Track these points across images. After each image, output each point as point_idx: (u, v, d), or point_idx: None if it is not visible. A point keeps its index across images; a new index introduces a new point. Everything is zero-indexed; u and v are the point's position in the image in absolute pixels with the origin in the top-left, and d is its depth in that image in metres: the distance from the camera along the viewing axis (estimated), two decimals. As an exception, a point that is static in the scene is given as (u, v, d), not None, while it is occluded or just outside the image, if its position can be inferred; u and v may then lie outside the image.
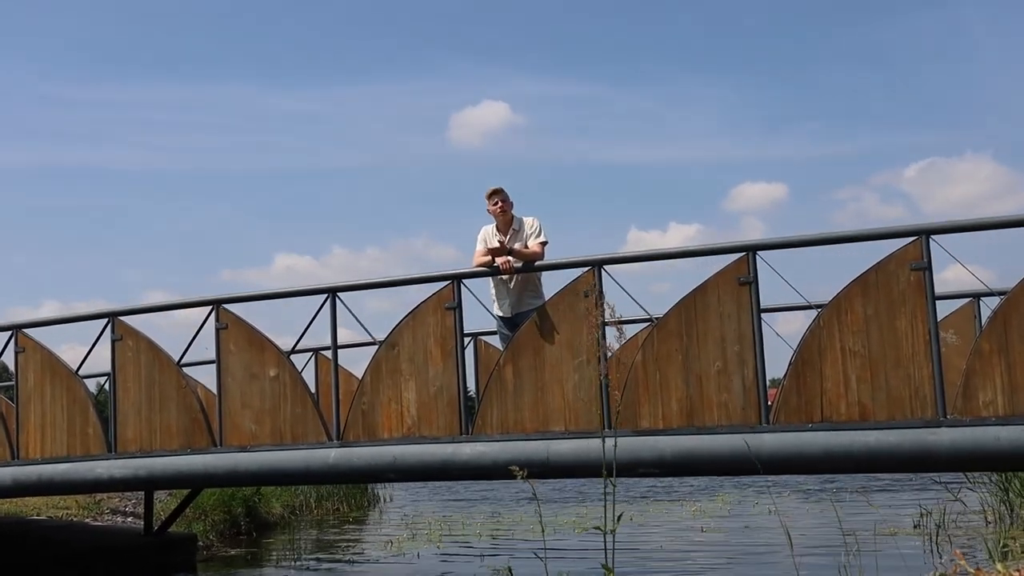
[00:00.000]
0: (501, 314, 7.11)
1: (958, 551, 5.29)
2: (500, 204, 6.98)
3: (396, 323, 6.84)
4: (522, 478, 3.71)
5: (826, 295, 5.96)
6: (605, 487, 3.44)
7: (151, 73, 60.22)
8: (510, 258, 6.73)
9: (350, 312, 7.05)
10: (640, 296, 6.80)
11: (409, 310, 6.81)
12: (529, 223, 6.97)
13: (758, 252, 5.99)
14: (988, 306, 7.77)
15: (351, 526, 13.80)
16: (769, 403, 6.02)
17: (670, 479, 17.97)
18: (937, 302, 5.67)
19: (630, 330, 9.02)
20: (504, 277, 6.94)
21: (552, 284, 6.94)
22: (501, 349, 7.17)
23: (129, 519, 12.07)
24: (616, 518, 3.28)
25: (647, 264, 6.86)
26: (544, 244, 6.85)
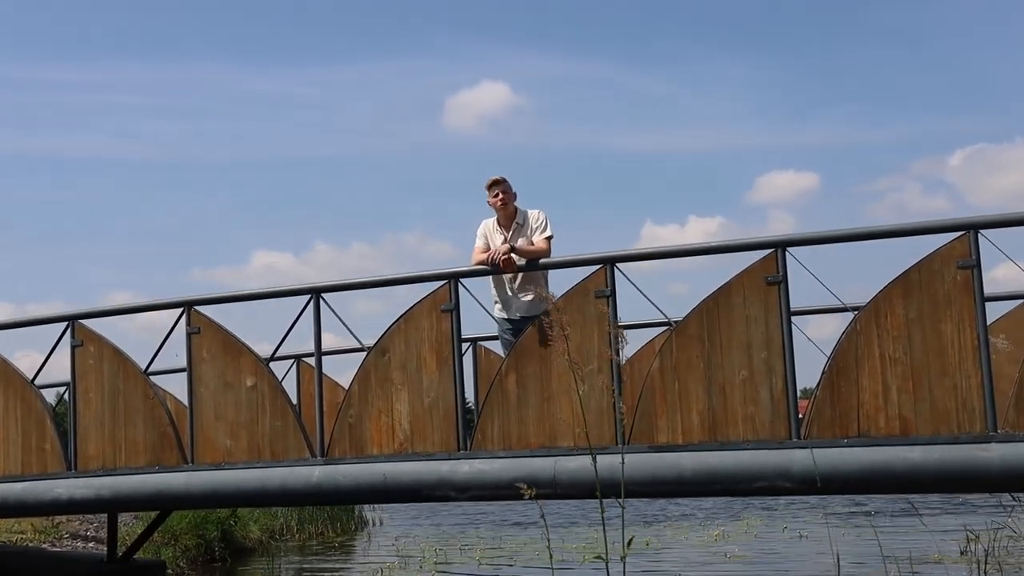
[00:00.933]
0: (503, 317, 7.11)
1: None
2: (501, 196, 6.99)
3: (386, 327, 6.83)
4: (529, 497, 3.71)
5: (863, 296, 5.98)
6: (602, 509, 3.43)
7: (112, 52, 60.34)
8: (512, 255, 6.72)
9: (335, 315, 7.06)
10: (657, 297, 6.82)
11: (401, 313, 6.81)
12: (534, 216, 6.98)
13: (788, 248, 5.99)
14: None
15: (336, 552, 13.80)
16: (800, 416, 6.02)
17: (689, 499, 17.97)
18: (987, 303, 5.67)
19: (646, 335, 9.01)
20: (506, 276, 6.93)
21: (559, 284, 6.95)
22: (503, 356, 7.17)
23: (91, 544, 12.07)
24: (627, 542, 3.27)
25: (664, 262, 6.87)
26: (550, 239, 6.86)
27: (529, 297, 6.99)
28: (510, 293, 7.04)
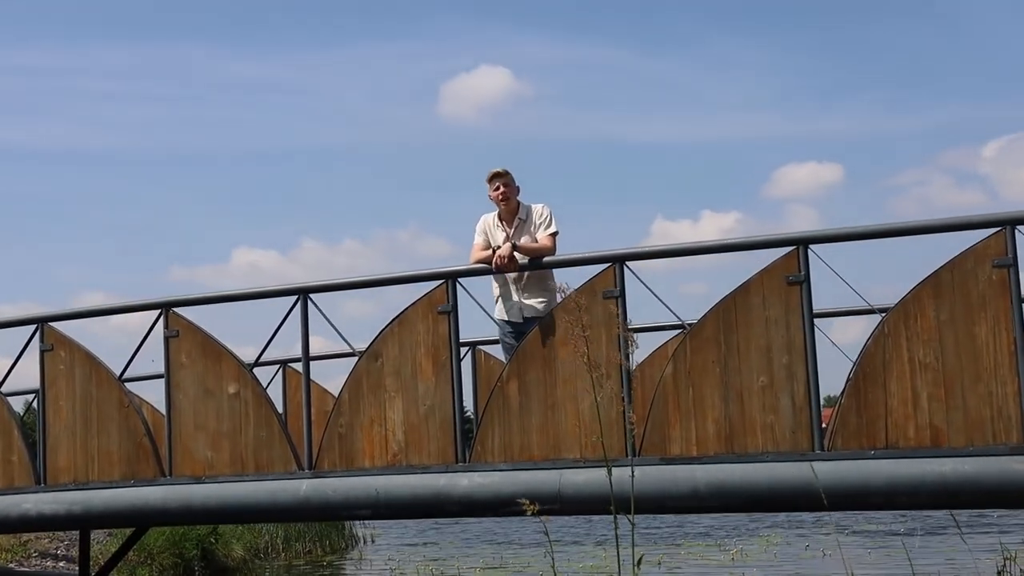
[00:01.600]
0: (504, 319, 7.11)
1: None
2: (503, 189, 7.00)
3: (379, 330, 6.84)
4: (532, 514, 3.70)
5: (891, 297, 5.99)
6: (616, 526, 3.43)
7: (85, 34, 60.42)
8: (515, 253, 6.72)
9: (324, 317, 7.07)
10: (669, 298, 6.80)
11: (395, 315, 6.81)
12: (537, 211, 6.98)
13: (810, 245, 5.99)
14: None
15: (325, 572, 13.80)
16: (824, 425, 6.02)
17: (704, 516, 17.95)
18: (1024, 305, 5.67)
19: (658, 338, 9.01)
20: (508, 276, 6.93)
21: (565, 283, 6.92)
22: (504, 361, 7.18)
23: (61, 564, 12.08)
24: (637, 561, 3.27)
25: (677, 261, 6.90)
26: (555, 236, 6.86)
27: (532, 298, 6.99)
28: (512, 294, 7.05)
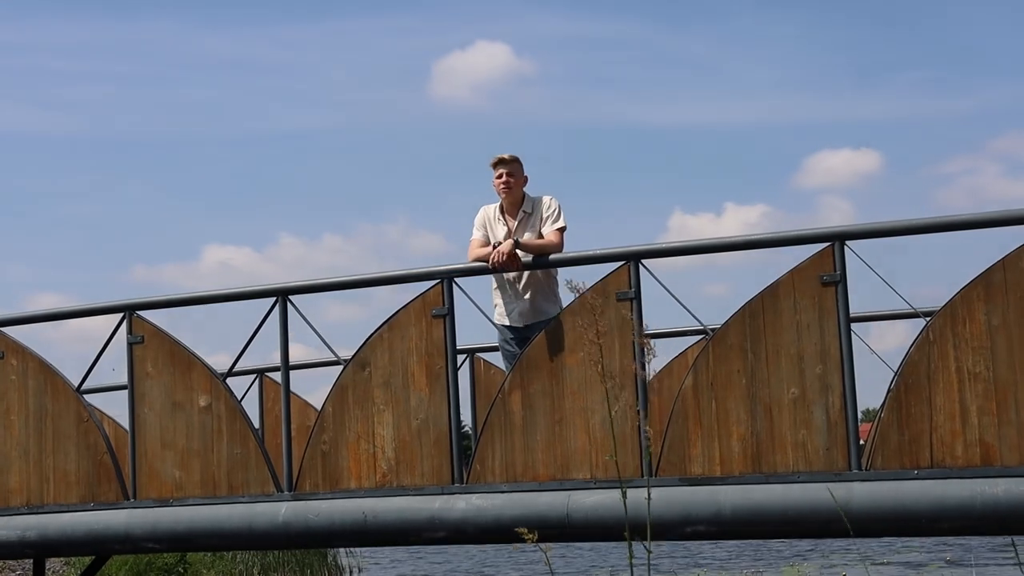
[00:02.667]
0: (506, 324, 7.12)
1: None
2: (505, 177, 7.01)
3: (366, 336, 6.85)
4: (533, 542, 3.70)
5: (936, 299, 6.04)
6: (631, 554, 3.43)
7: (37, 6, 60.44)
8: (518, 250, 6.73)
9: (305, 321, 7.08)
10: (690, 300, 6.82)
11: (384, 319, 6.82)
12: (545, 204, 7.00)
13: (846, 242, 6.00)
14: None
15: (306, 605, 13.77)
16: (861, 442, 6.02)
17: (729, 542, 17.95)
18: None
19: (677, 345, 9.02)
20: (510, 275, 6.94)
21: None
22: (505, 370, 7.19)
23: (13, 595, 12.06)
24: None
25: (698, 259, 6.95)
26: (562, 231, 6.87)
27: (535, 300, 7.01)
28: (512, 295, 7.06)
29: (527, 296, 7.03)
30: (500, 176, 7.02)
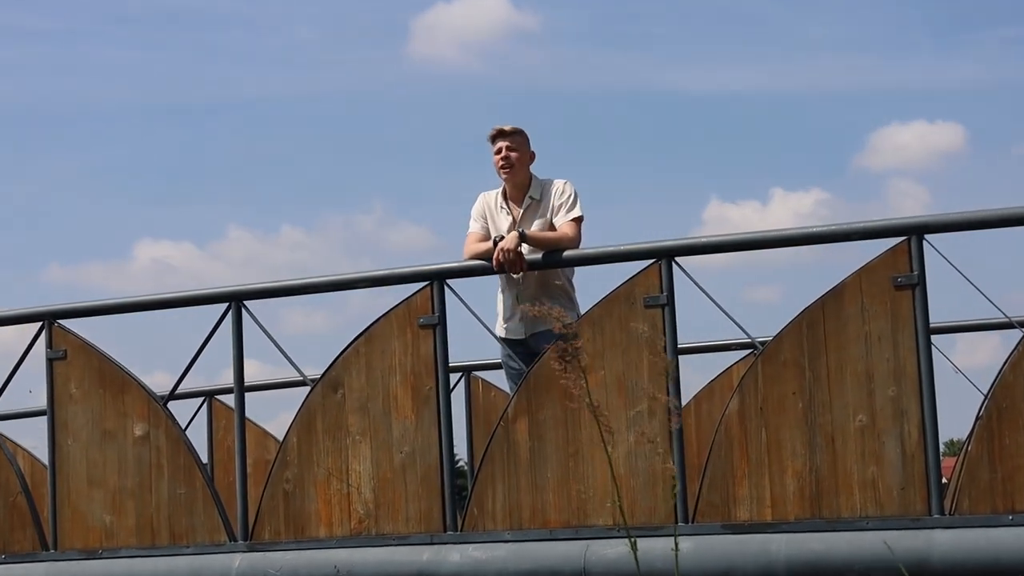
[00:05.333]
0: (509, 336, 7.15)
1: None
2: (505, 152, 7.02)
3: (339, 350, 6.86)
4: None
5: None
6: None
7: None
8: (524, 244, 6.75)
9: (264, 332, 7.09)
10: (733, 307, 6.82)
11: (360, 329, 6.84)
12: (557, 189, 7.01)
13: (925, 236, 6.01)
14: None
15: None
16: (944, 481, 6.04)
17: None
18: None
19: (718, 362, 9.02)
20: (515, 277, 6.97)
21: (592, 288, 6.95)
22: (509, 392, 7.21)
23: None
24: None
25: (742, 257, 6.96)
26: (579, 222, 6.90)
27: (545, 307, 6.98)
28: (513, 301, 7.07)
29: (529, 301, 6.94)
30: (499, 151, 7.03)
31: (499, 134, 7.04)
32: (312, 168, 62.91)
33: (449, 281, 6.75)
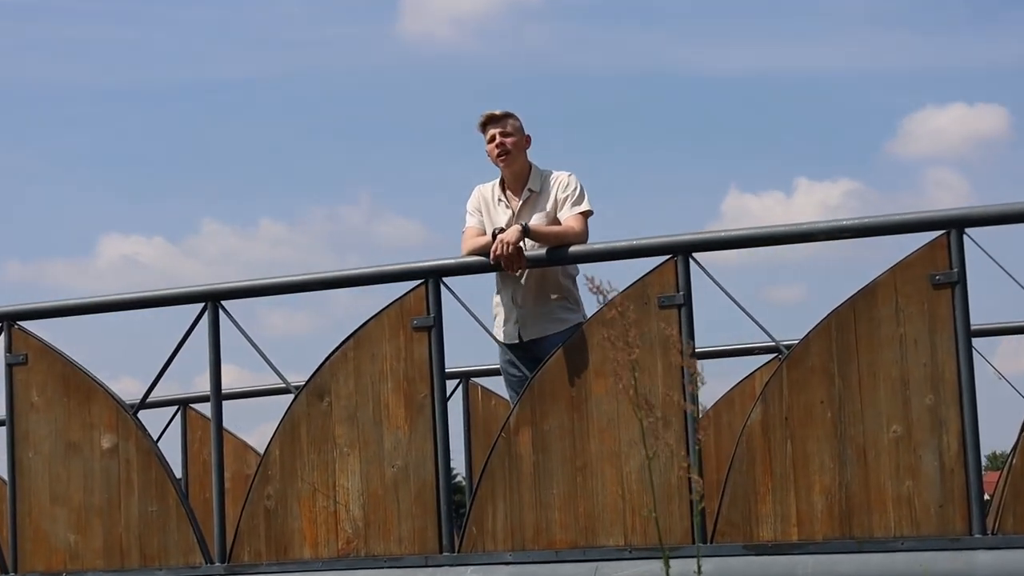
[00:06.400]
0: (509, 340, 7.13)
1: None
2: (499, 139, 7.01)
3: (325, 355, 6.85)
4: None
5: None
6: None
7: None
8: (527, 239, 6.74)
9: (243, 334, 7.08)
10: (755, 307, 6.80)
11: (348, 332, 6.83)
12: (560, 181, 7.00)
13: (965, 230, 6.00)
14: None
15: None
16: (987, 497, 6.01)
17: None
18: None
19: (739, 367, 9.01)
20: (516, 274, 6.95)
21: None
22: (510, 400, 7.20)
23: None
24: None
25: (764, 253, 6.88)
26: (586, 216, 6.88)
27: (541, 308, 7.01)
28: (512, 302, 7.06)
29: (535, 303, 7.02)
30: (492, 139, 7.02)
31: (489, 120, 7.04)
32: (293, 156, 62.89)
33: (445, 279, 6.75)
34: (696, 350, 6.34)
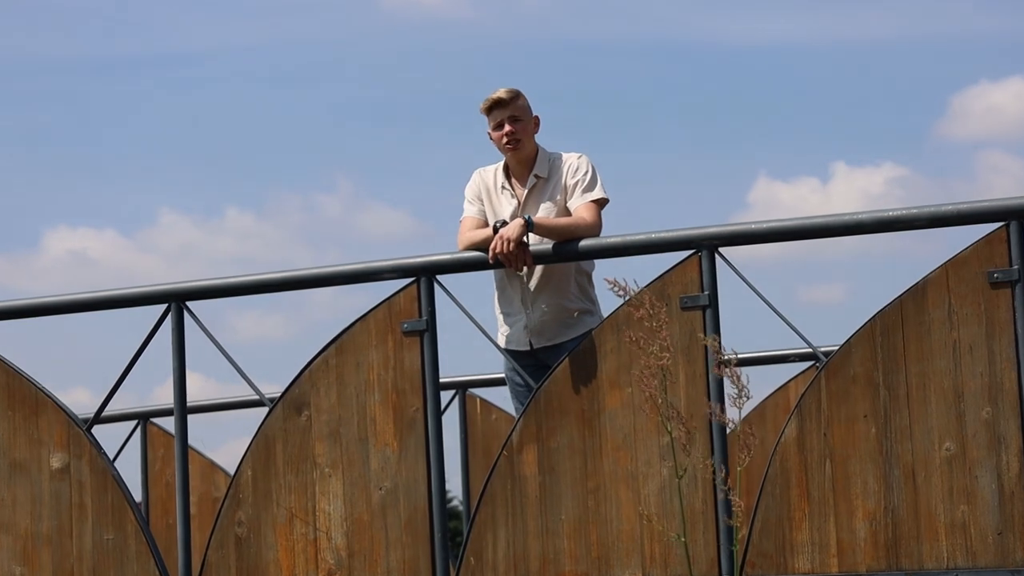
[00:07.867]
0: (519, 348, 7.11)
1: None
2: (508, 127, 7.01)
3: (304, 362, 6.85)
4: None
5: None
6: None
7: None
8: (532, 233, 6.72)
9: (211, 339, 7.08)
10: (789, 309, 6.78)
11: (329, 337, 6.84)
12: (571, 165, 7.01)
13: (1027, 222, 6.02)
14: None
15: None
16: (1052, 523, 5.97)
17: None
18: None
19: (772, 376, 9.01)
20: (521, 272, 6.92)
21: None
22: (514, 413, 7.22)
23: None
24: None
25: (798, 248, 6.91)
26: (600, 205, 6.88)
27: (550, 310, 7.02)
28: (517, 303, 7.07)
29: (542, 303, 7.02)
30: (500, 126, 7.00)
31: (497, 104, 7.01)
32: (263, 137, 62.84)
33: (439, 277, 6.75)
34: (725, 355, 6.31)
